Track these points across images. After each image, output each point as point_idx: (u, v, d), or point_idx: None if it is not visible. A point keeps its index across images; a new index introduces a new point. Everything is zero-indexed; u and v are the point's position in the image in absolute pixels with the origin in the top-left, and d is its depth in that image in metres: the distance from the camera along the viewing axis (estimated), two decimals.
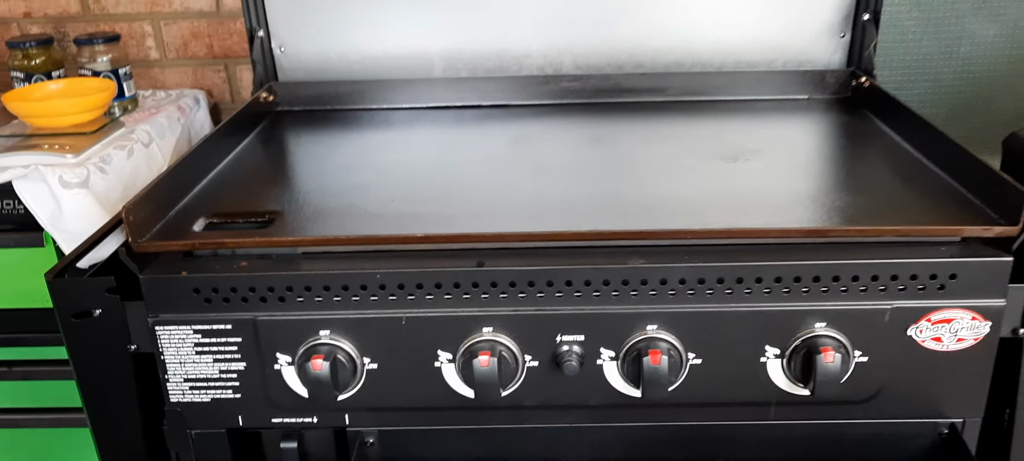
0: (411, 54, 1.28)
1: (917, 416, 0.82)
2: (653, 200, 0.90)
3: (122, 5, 1.41)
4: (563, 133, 1.14)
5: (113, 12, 1.42)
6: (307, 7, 1.27)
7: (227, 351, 0.81)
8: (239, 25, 1.42)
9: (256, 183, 0.98)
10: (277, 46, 1.28)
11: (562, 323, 0.78)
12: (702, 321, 0.78)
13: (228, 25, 1.42)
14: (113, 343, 0.81)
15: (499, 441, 0.86)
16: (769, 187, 0.92)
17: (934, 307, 0.77)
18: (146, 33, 1.43)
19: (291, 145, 1.13)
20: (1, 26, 1.44)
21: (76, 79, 1.25)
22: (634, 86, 1.25)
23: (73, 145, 1.09)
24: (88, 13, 1.42)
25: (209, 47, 1.44)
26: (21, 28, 1.44)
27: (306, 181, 0.99)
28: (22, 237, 1.04)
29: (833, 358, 0.76)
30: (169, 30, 1.43)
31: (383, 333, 0.79)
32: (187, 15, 1.42)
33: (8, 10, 1.42)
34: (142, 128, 1.20)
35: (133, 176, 1.13)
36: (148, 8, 1.41)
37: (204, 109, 1.41)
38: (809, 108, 1.20)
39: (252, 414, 0.84)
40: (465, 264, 0.78)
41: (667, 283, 0.77)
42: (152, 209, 0.83)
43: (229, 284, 0.78)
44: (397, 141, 1.13)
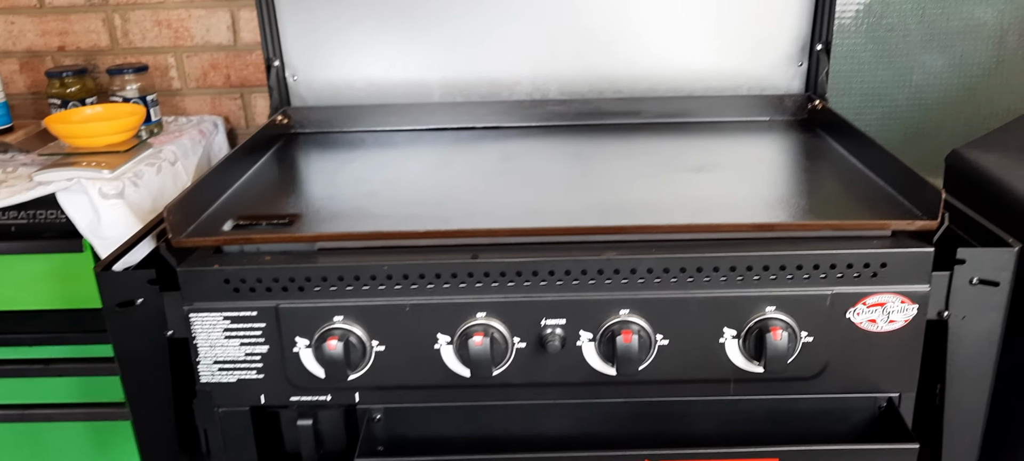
0: (412, 81, 1.39)
1: (858, 391, 0.92)
2: (626, 203, 1.00)
3: (148, 39, 1.52)
4: (548, 151, 1.24)
5: (139, 45, 1.52)
6: (318, 39, 1.37)
7: (252, 335, 0.90)
8: (254, 57, 1.53)
9: (276, 192, 1.07)
10: (291, 75, 1.39)
11: (546, 308, 0.88)
12: (668, 306, 0.87)
13: (244, 57, 1.53)
14: (152, 329, 0.90)
15: (490, 417, 0.95)
16: (728, 192, 1.02)
17: (868, 292, 0.86)
18: (169, 64, 1.54)
19: (305, 161, 1.23)
20: (36, 59, 1.54)
21: (109, 105, 1.35)
22: (613, 109, 1.36)
23: (108, 162, 1.19)
24: (117, 46, 1.53)
25: (226, 77, 1.54)
26: (55, 60, 1.54)
27: (320, 190, 1.08)
28: (63, 244, 1.13)
29: (781, 337, 0.85)
30: (190, 61, 1.53)
31: (389, 318, 0.88)
32: (207, 48, 1.52)
33: (44, 44, 1.53)
34: (169, 148, 1.30)
35: (161, 190, 1.23)
36: (172, 42, 1.52)
37: (222, 133, 1.51)
38: (769, 128, 1.31)
39: (273, 393, 0.92)
40: (461, 257, 0.87)
41: (637, 272, 0.87)
42: (187, 212, 0.93)
43: (255, 275, 0.87)
44: (400, 158, 1.23)
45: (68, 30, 1.51)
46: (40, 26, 1.51)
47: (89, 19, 1.50)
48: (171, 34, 1.51)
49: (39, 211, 1.13)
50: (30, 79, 1.56)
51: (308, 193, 1.07)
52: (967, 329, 0.88)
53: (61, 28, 1.51)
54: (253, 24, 1.49)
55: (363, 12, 1.37)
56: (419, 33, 1.37)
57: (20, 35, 1.52)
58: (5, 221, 1.13)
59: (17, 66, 1.55)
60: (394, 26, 1.38)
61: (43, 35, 1.52)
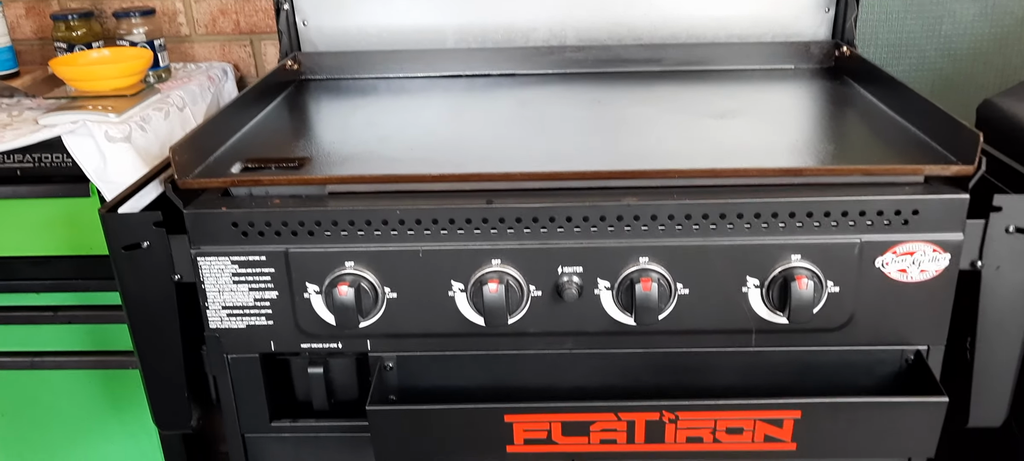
0: (425, 27, 1.35)
1: (885, 343, 0.89)
2: (646, 148, 0.97)
3: None
4: (566, 98, 1.21)
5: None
6: None
7: (261, 281, 0.88)
8: (264, 2, 1.49)
9: (285, 137, 1.05)
10: (301, 20, 1.35)
11: (563, 256, 0.85)
12: (689, 254, 0.85)
13: (254, 2, 1.49)
14: (159, 273, 0.88)
15: (505, 367, 0.93)
16: (752, 138, 0.99)
17: (899, 241, 0.83)
18: (178, 10, 1.51)
19: (315, 107, 1.21)
20: (42, 3, 1.51)
21: (116, 48, 1.32)
22: (632, 57, 1.32)
23: (115, 106, 1.17)
24: None
25: (236, 23, 1.51)
26: (61, 4, 1.51)
27: (331, 134, 1.06)
28: (69, 188, 1.11)
29: (807, 286, 0.82)
30: (199, 7, 1.50)
31: (402, 264, 0.86)
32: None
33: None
34: (176, 93, 1.28)
35: (169, 135, 1.21)
36: None
37: (231, 81, 1.48)
38: (795, 76, 1.27)
39: (283, 340, 0.91)
40: (475, 202, 0.85)
41: (657, 219, 0.84)
42: (194, 153, 0.91)
43: (263, 219, 0.85)
44: (413, 104, 1.20)
45: None
46: None
47: None
48: None
49: (45, 155, 1.11)
50: (36, 23, 1.53)
51: (318, 137, 1.04)
52: (1001, 280, 0.85)
53: None
54: None
55: None
56: None
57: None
58: (10, 165, 1.11)
59: (23, 10, 1.52)
60: None
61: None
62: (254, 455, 0.99)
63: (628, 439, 0.88)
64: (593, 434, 0.87)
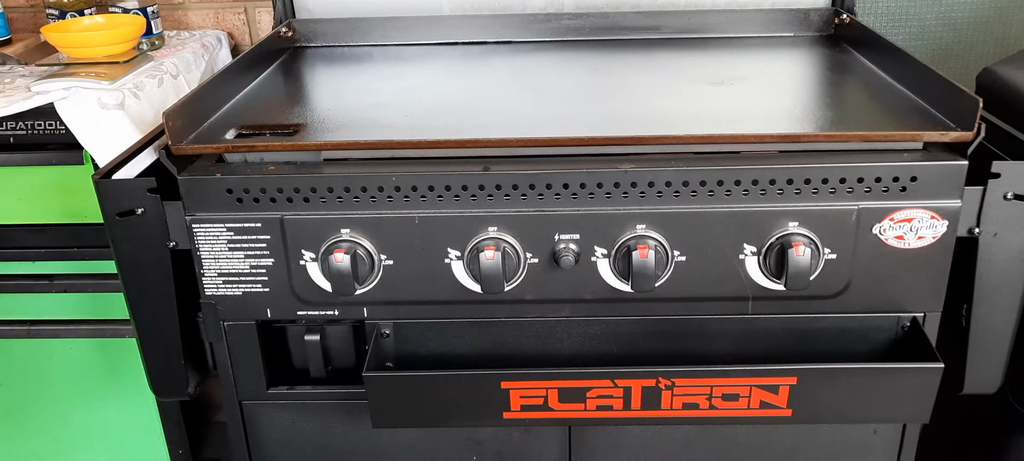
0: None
1: (881, 310, 0.89)
2: (643, 115, 0.96)
3: None
4: (563, 65, 1.20)
5: None
6: None
7: (257, 248, 0.87)
8: None
9: (280, 104, 1.04)
10: None
11: (559, 223, 0.85)
12: (686, 221, 0.85)
13: None
14: (153, 240, 0.88)
15: (501, 334, 0.93)
16: (750, 105, 0.98)
17: (896, 208, 0.83)
18: None
19: (310, 75, 1.20)
20: None
21: (108, 15, 1.31)
22: (630, 24, 1.31)
23: (108, 73, 1.16)
24: None
25: None
26: None
27: (326, 102, 1.05)
28: (62, 155, 1.10)
29: (804, 252, 0.82)
30: None
31: (398, 231, 0.86)
32: None
33: None
34: (170, 61, 1.27)
35: (163, 103, 1.20)
36: None
37: (226, 48, 1.47)
38: (793, 44, 1.26)
39: (280, 307, 0.91)
40: (472, 168, 0.84)
41: (654, 185, 0.84)
42: (188, 119, 0.90)
43: (259, 185, 0.85)
44: (408, 72, 1.19)
45: None
46: None
47: None
48: None
49: (38, 122, 1.10)
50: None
51: (313, 104, 1.04)
52: (999, 246, 0.85)
53: None
54: None
55: None
56: None
57: None
58: (3, 132, 1.11)
59: None
60: None
61: None
62: (251, 422, 0.99)
63: (624, 405, 0.88)
64: (589, 400, 0.88)
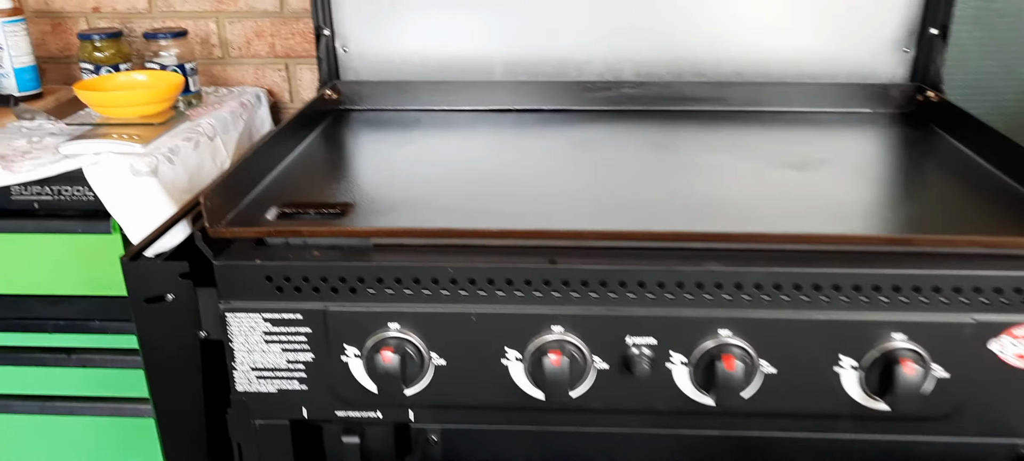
0: (472, 57, 1.28)
1: (995, 434, 0.79)
2: (724, 204, 0.88)
3: (189, 2, 1.42)
4: (625, 138, 1.12)
5: (180, 9, 1.42)
6: (371, 8, 1.27)
7: (296, 341, 0.79)
8: (301, 25, 1.42)
9: (324, 176, 0.97)
10: (341, 46, 1.28)
11: (633, 325, 0.76)
12: (777, 328, 0.76)
13: (291, 25, 1.42)
14: (183, 329, 0.80)
15: (562, 444, 0.84)
16: (842, 195, 0.90)
17: (1018, 322, 0.74)
18: (210, 31, 1.44)
19: (356, 142, 1.13)
20: (69, 20, 1.45)
21: (145, 72, 1.26)
22: (695, 94, 1.24)
23: (141, 135, 1.09)
24: (155, 9, 1.43)
25: (271, 46, 1.44)
26: (90, 22, 1.45)
27: (374, 175, 0.98)
28: (89, 224, 1.04)
29: (914, 371, 0.73)
30: (233, 28, 1.43)
31: (452, 328, 0.78)
32: (251, 14, 1.42)
33: (78, 5, 1.44)
34: (206, 121, 1.20)
35: (198, 168, 1.13)
36: (214, 6, 1.42)
37: (265, 107, 1.41)
38: (873, 122, 1.18)
39: (317, 406, 0.82)
40: (536, 261, 0.76)
41: (742, 287, 0.75)
42: (226, 197, 0.83)
43: (301, 273, 0.77)
44: (461, 141, 1.12)
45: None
46: None
47: None
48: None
49: (65, 187, 1.04)
50: (62, 41, 1.46)
51: (361, 179, 0.97)
52: None
53: None
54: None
55: None
56: (481, 4, 1.26)
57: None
58: (28, 196, 1.04)
59: (49, 27, 1.46)
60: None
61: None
62: None
63: None
64: None
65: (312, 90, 1.46)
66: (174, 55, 1.28)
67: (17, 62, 1.28)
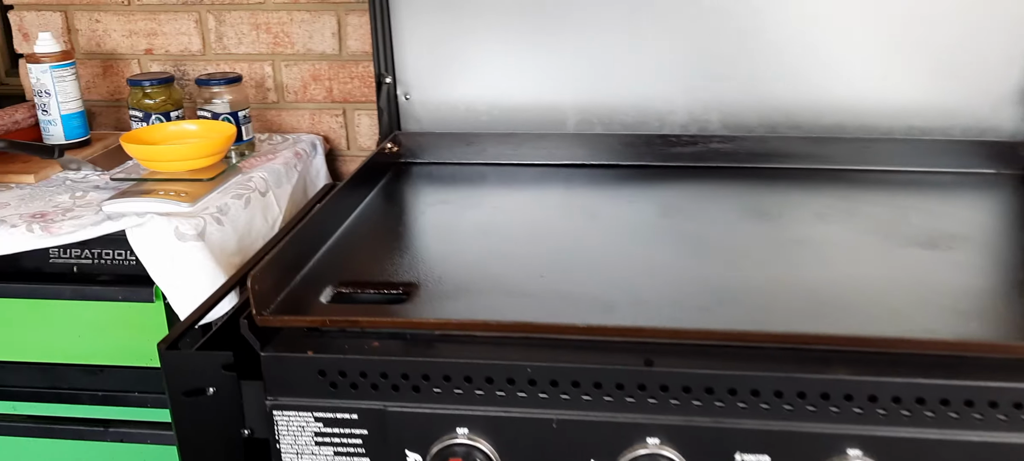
0: (543, 106, 1.18)
1: None
2: (847, 293, 0.76)
3: (244, 44, 1.35)
4: (718, 203, 1.01)
5: (235, 52, 1.36)
6: (435, 53, 1.18)
7: (350, 444, 0.70)
8: (360, 68, 1.34)
9: (385, 246, 0.88)
10: (402, 93, 1.20)
11: (743, 439, 0.65)
12: (918, 450, 0.64)
13: (350, 68, 1.35)
14: (225, 425, 0.72)
15: None
16: (986, 284, 0.77)
17: None
18: (265, 75, 1.37)
19: (419, 203, 1.04)
20: (121, 62, 1.40)
21: (196, 122, 1.19)
22: (792, 150, 1.12)
23: (189, 192, 1.02)
24: (209, 51, 1.37)
25: (328, 90, 1.37)
26: (142, 65, 1.39)
27: (440, 246, 0.89)
28: (131, 291, 0.96)
29: None
30: (289, 71, 1.36)
31: (530, 436, 0.68)
32: (308, 57, 1.35)
33: (130, 47, 1.38)
34: (259, 175, 1.12)
35: (249, 227, 1.05)
36: (270, 48, 1.35)
37: (320, 155, 1.33)
38: (999, 185, 1.04)
39: None
40: (629, 361, 0.66)
41: (877, 400, 0.63)
42: (276, 277, 0.74)
43: (358, 367, 0.68)
44: (531, 203, 1.03)
45: (157, 31, 1.36)
46: (127, 25, 1.36)
47: (180, 20, 1.35)
48: (270, 39, 1.34)
49: (106, 250, 0.96)
50: (112, 85, 1.41)
51: (425, 251, 0.87)
52: None
53: (149, 29, 1.36)
54: (361, 31, 1.31)
55: (488, 22, 1.17)
56: (552, 49, 1.17)
57: (105, 35, 1.38)
58: (66, 259, 0.97)
59: (100, 69, 1.41)
60: (523, 39, 1.17)
61: (129, 36, 1.37)
62: None
63: None
64: None
65: (370, 137, 1.38)
66: (227, 102, 1.21)
67: (65, 108, 1.22)
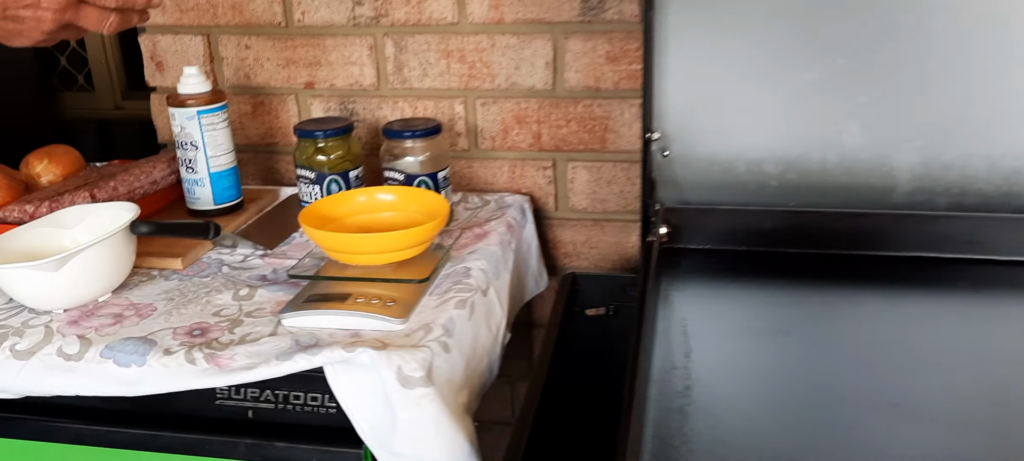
0: (860, 163, 0.87)
1: None
2: None
3: (430, 77, 1.08)
4: None
5: (417, 86, 1.08)
6: (703, 92, 0.88)
7: None
8: (579, 109, 1.05)
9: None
10: (659, 149, 0.90)
11: None
12: None
13: (565, 108, 1.06)
14: None
15: None
16: None
17: None
18: (455, 115, 1.09)
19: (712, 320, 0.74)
20: (275, 99, 1.14)
21: (392, 190, 0.91)
22: None
23: (398, 298, 0.75)
24: (385, 86, 1.10)
25: (535, 136, 1.08)
26: (300, 103, 1.13)
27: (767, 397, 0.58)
28: (329, 453, 0.68)
29: None
30: (487, 112, 1.08)
31: None
32: (513, 93, 1.06)
33: (286, 78, 1.12)
34: (477, 265, 0.85)
35: (474, 345, 0.78)
36: (463, 83, 1.07)
37: (531, 223, 1.05)
38: None
39: None
40: None
41: None
42: None
43: None
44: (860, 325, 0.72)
45: (320, 59, 1.10)
46: (283, 52, 1.11)
47: (350, 44, 1.08)
48: (463, 71, 1.06)
49: (294, 392, 0.69)
50: (262, 126, 1.16)
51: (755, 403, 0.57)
52: None
53: (311, 56, 1.10)
54: (585, 61, 1.02)
55: (782, 51, 0.86)
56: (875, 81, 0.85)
57: (256, 64, 1.12)
58: (239, 401, 0.70)
59: (250, 107, 1.15)
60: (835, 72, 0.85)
61: (286, 65, 1.11)
62: None
63: None
64: None
65: (585, 196, 1.09)
66: (423, 159, 0.93)
67: (216, 164, 0.97)
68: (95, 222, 0.86)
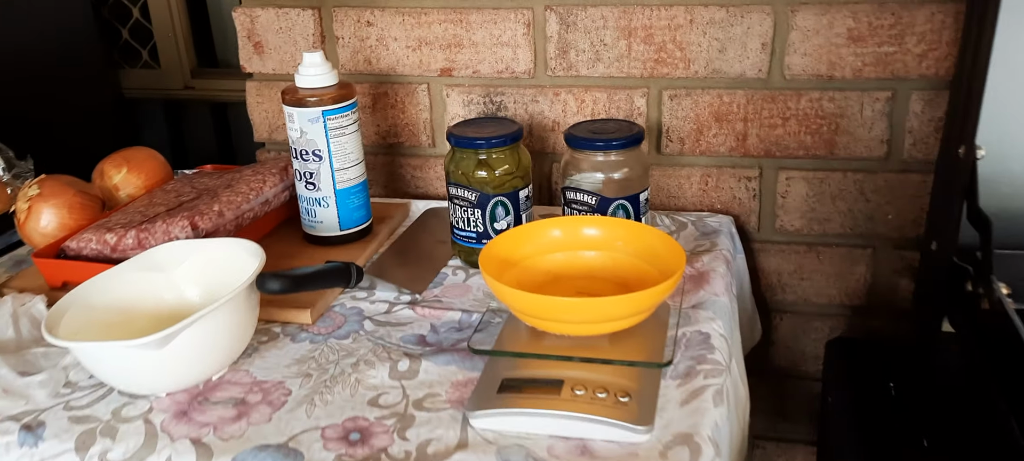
0: None
1: None
2: None
3: (603, 62, 0.86)
4: None
5: (585, 73, 0.87)
6: None
7: None
8: (803, 104, 0.82)
9: None
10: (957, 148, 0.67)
11: None
12: None
13: (783, 102, 0.83)
14: None
15: None
16: None
17: None
18: (634, 109, 0.87)
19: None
20: (401, 88, 0.93)
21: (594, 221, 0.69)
22: None
23: (631, 390, 0.53)
24: (542, 74, 0.88)
25: (740, 137, 0.85)
26: (433, 95, 0.92)
27: None
28: None
29: None
30: (677, 106, 0.86)
31: None
32: (713, 83, 0.84)
33: (418, 64, 0.91)
34: (715, 331, 0.63)
35: (738, 457, 0.56)
36: (647, 69, 0.85)
37: (741, 253, 0.83)
38: None
39: None
40: None
41: None
42: None
43: None
44: None
45: (462, 39, 0.88)
46: (414, 30, 0.89)
47: (501, 20, 0.87)
48: (649, 54, 0.84)
49: None
50: (387, 121, 0.95)
51: None
52: None
53: (450, 35, 0.89)
54: (816, 41, 0.79)
55: None
56: None
57: (379, 45, 0.91)
58: None
59: (369, 99, 0.94)
60: None
61: (418, 47, 0.90)
62: None
63: None
64: None
65: (800, 214, 0.87)
66: (619, 180, 0.71)
67: (343, 179, 0.77)
68: (201, 263, 0.66)
